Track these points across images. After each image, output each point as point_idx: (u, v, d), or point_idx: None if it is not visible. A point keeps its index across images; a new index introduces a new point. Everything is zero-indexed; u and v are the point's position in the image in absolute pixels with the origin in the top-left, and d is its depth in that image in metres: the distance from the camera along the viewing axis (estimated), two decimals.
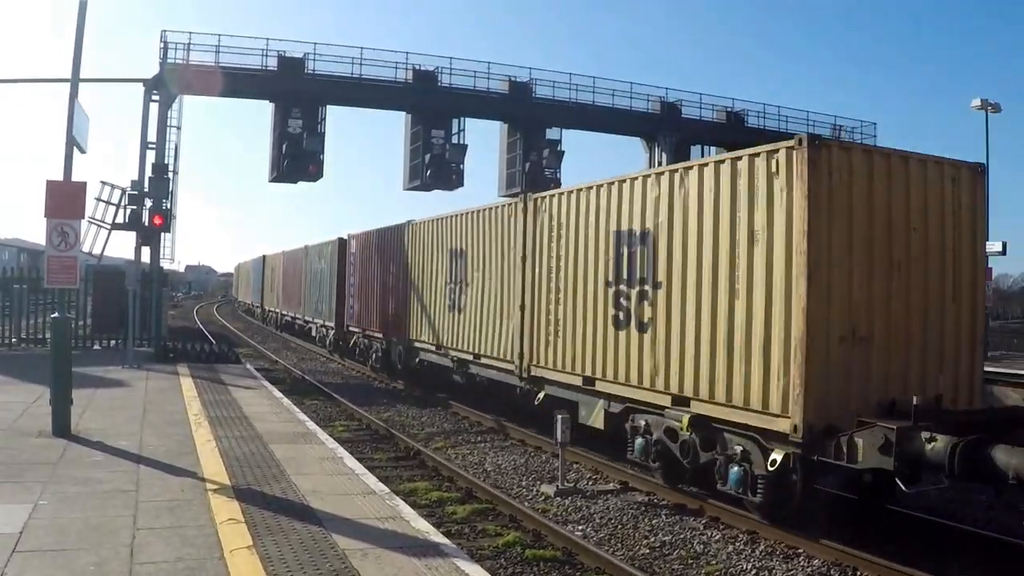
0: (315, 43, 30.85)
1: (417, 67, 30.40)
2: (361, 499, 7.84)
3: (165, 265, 26.25)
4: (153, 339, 22.20)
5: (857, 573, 7.54)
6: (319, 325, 29.97)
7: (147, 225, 24.05)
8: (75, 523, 6.66)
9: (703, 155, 31.16)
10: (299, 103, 28.82)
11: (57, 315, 10.98)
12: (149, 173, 25.00)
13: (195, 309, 63.81)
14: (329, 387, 20.00)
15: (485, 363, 15.28)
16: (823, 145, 8.19)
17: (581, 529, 8.93)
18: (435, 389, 18.60)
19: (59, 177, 10.67)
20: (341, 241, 26.74)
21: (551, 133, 32.62)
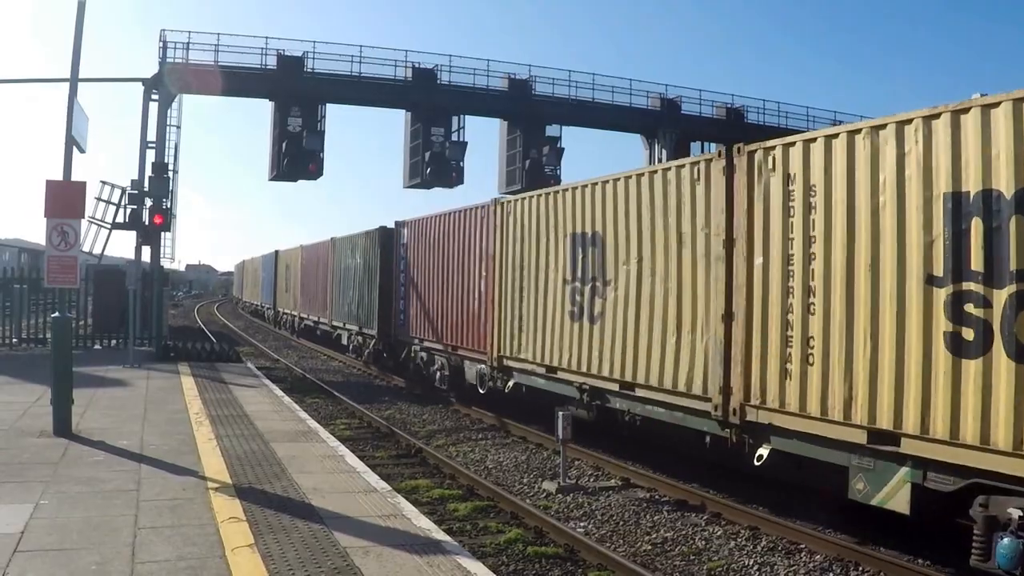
0: (314, 41, 31.09)
1: (416, 65, 30.37)
2: (362, 497, 7.84)
3: (165, 264, 26.36)
4: (154, 338, 22.17)
5: (859, 568, 7.54)
6: (353, 332, 25.12)
7: (147, 224, 24.10)
8: (76, 522, 6.66)
9: (703, 151, 31.11)
10: (299, 102, 28.78)
11: (58, 315, 10.99)
12: (149, 172, 25.03)
13: (196, 308, 63.80)
14: (330, 385, 20.01)
15: (643, 395, 10.82)
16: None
17: (583, 526, 8.94)
18: (539, 420, 14.09)
19: (59, 177, 10.68)
20: (384, 231, 22.27)
21: (551, 130, 32.52)
